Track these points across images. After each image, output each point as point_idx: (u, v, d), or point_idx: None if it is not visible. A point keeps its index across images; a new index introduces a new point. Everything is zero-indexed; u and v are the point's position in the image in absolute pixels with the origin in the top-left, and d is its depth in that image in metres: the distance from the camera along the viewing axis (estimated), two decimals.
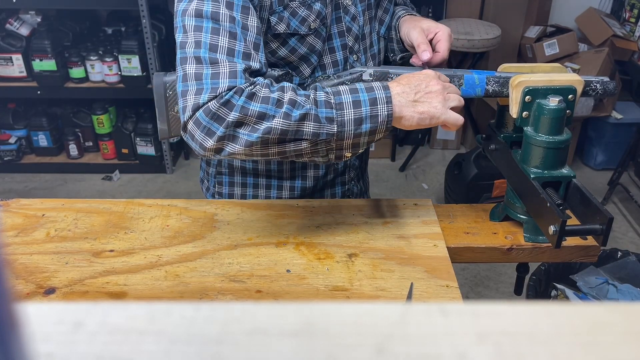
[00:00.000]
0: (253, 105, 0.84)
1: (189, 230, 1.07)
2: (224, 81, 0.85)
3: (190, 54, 0.87)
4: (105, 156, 3.17)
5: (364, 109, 0.87)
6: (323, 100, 0.87)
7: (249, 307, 0.29)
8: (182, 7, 0.90)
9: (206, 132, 0.85)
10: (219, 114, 0.84)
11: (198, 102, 0.85)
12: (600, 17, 3.11)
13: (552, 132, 0.95)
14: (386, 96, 0.88)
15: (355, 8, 1.07)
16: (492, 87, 1.03)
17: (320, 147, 0.89)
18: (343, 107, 0.87)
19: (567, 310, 0.30)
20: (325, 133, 0.87)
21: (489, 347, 0.27)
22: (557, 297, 1.78)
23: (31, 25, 2.96)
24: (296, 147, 0.88)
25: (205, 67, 0.86)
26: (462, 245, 1.05)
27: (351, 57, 1.09)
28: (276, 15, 0.97)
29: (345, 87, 0.90)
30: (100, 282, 0.94)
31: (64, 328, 0.28)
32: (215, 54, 0.87)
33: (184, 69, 0.88)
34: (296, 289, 0.93)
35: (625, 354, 0.27)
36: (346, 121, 0.87)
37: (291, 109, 0.85)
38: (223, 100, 0.84)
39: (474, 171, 2.55)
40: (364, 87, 0.90)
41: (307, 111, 0.85)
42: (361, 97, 0.88)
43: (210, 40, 0.87)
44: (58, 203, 1.15)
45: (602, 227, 0.88)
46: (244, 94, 0.85)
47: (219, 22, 0.88)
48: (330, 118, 0.87)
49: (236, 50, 0.88)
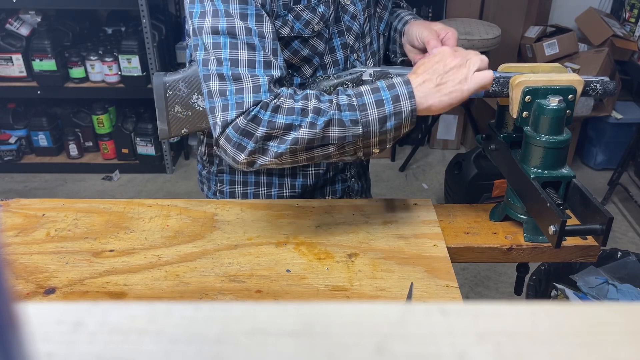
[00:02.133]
0: (279, 118, 0.87)
1: (189, 230, 1.07)
2: (249, 96, 0.87)
3: (213, 71, 0.89)
4: (105, 156, 3.17)
5: (387, 107, 0.88)
6: (346, 103, 0.88)
7: (249, 307, 0.29)
8: (197, 24, 0.91)
9: (237, 147, 0.88)
10: (247, 130, 0.87)
11: (227, 119, 0.87)
12: (600, 17, 3.10)
13: (552, 132, 0.95)
14: (408, 91, 0.89)
15: (354, 7, 1.07)
16: (492, 87, 1.02)
17: (347, 149, 0.91)
18: (366, 108, 0.88)
19: (567, 310, 0.30)
20: (351, 135, 0.89)
21: (489, 347, 0.27)
22: (557, 297, 1.78)
23: (31, 25, 2.96)
24: (324, 152, 0.90)
25: (229, 84, 0.88)
26: (462, 245, 1.05)
27: (352, 56, 1.09)
28: (280, 20, 0.97)
29: (367, 87, 0.91)
30: (100, 282, 0.94)
31: (64, 328, 0.28)
32: (237, 69, 0.88)
33: (208, 86, 0.90)
34: (296, 289, 0.93)
35: (626, 354, 0.27)
36: (370, 121, 0.88)
37: (316, 117, 0.87)
38: (250, 116, 0.86)
39: (474, 171, 2.55)
40: (386, 84, 0.90)
41: (331, 117, 0.87)
42: (383, 96, 0.89)
43: (230, 56, 0.88)
44: (58, 203, 1.15)
45: (602, 227, 0.88)
46: (269, 108, 0.87)
47: (235, 36, 0.89)
48: (354, 120, 0.88)
49: (257, 61, 0.89)
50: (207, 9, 0.90)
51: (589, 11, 3.18)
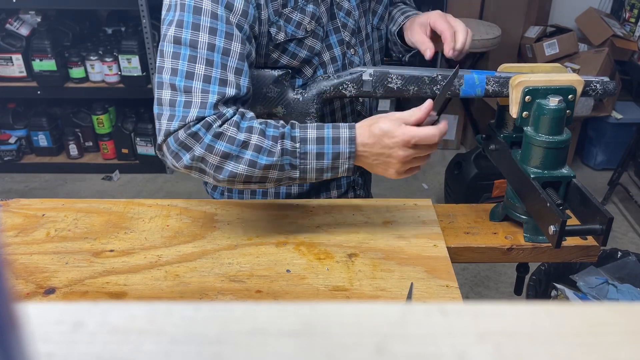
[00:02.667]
0: (219, 144, 0.88)
1: (189, 230, 1.07)
2: (194, 111, 0.88)
3: (166, 80, 0.90)
4: (105, 156, 3.17)
5: (326, 162, 0.92)
6: (289, 149, 0.91)
7: (249, 307, 0.29)
8: (164, 31, 0.92)
9: (174, 157, 0.91)
10: (186, 143, 0.89)
11: (169, 128, 0.89)
12: (600, 17, 3.10)
13: (552, 132, 0.95)
14: (350, 151, 0.91)
15: (349, 3, 1.07)
16: (492, 87, 1.03)
17: (283, 184, 0.95)
18: (307, 157, 0.91)
19: (567, 310, 0.30)
20: (288, 178, 0.93)
21: (489, 347, 0.27)
22: (557, 297, 1.78)
23: (31, 25, 2.96)
24: (260, 185, 0.94)
25: (179, 95, 0.89)
26: (462, 245, 1.05)
27: (349, 52, 1.09)
28: (275, 26, 0.98)
29: (314, 133, 0.92)
30: (100, 282, 0.94)
31: (64, 328, 0.28)
32: (191, 82, 0.89)
33: (159, 94, 0.91)
34: (296, 289, 0.93)
35: (625, 354, 0.27)
36: (308, 169, 0.92)
37: (257, 156, 0.89)
38: (190, 131, 0.88)
39: (474, 171, 2.55)
40: (332, 135, 0.91)
41: (273, 163, 0.90)
42: (325, 149, 0.91)
43: (187, 68, 0.89)
44: (58, 203, 1.15)
45: (602, 227, 0.88)
46: (211, 131, 0.88)
47: (196, 49, 0.89)
48: (293, 165, 0.91)
49: (212, 77, 0.90)
50: (176, 18, 0.90)
51: (589, 11, 3.18)
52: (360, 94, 1.05)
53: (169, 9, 0.93)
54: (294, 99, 1.04)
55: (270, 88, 1.04)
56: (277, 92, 1.04)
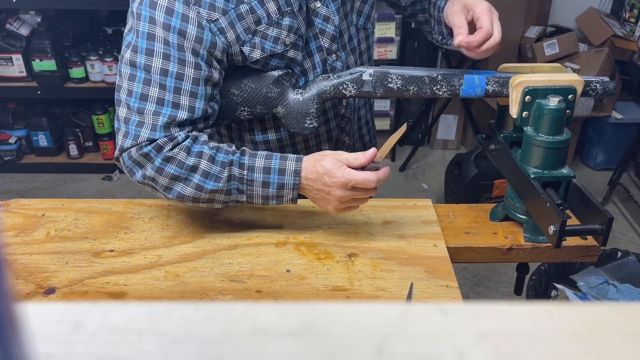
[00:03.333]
0: (168, 167, 0.94)
1: (189, 230, 1.07)
2: (145, 132, 0.93)
3: (122, 99, 0.95)
4: (105, 156, 3.17)
5: (271, 190, 0.97)
6: (237, 175, 0.95)
7: (249, 307, 0.29)
8: (122, 52, 0.96)
9: (129, 171, 0.97)
10: (138, 161, 0.94)
11: (123, 145, 0.94)
12: (600, 17, 3.10)
13: (552, 132, 0.95)
14: (294, 183, 0.96)
15: (327, 9, 1.05)
16: (492, 87, 1.03)
17: (231, 205, 1.01)
18: (253, 185, 0.96)
19: (567, 310, 0.30)
20: (235, 200, 0.99)
21: (489, 347, 0.27)
22: (557, 297, 1.78)
23: (31, 25, 2.96)
24: (209, 205, 0.99)
25: (133, 114, 0.94)
26: (462, 245, 1.05)
27: (330, 58, 1.08)
28: (248, 45, 0.97)
29: (262, 162, 0.96)
30: (100, 282, 0.94)
31: (64, 328, 0.28)
32: (145, 103, 0.94)
33: (117, 110, 0.96)
34: (296, 289, 0.93)
35: (625, 354, 0.27)
36: (254, 195, 0.97)
37: (204, 181, 0.95)
38: (142, 152, 0.93)
39: (474, 171, 2.55)
40: (279, 166, 0.96)
41: (219, 188, 0.95)
42: (271, 179, 0.96)
43: (142, 90, 0.93)
44: (58, 203, 1.15)
45: (602, 227, 0.88)
46: (162, 154, 0.93)
47: (150, 73, 0.93)
48: (240, 190, 0.97)
49: (165, 100, 0.94)
50: (132, 42, 0.94)
51: (589, 11, 3.18)
52: (360, 94, 1.05)
53: (130, 30, 0.95)
54: (294, 99, 1.04)
55: (270, 88, 1.04)
56: (277, 92, 1.04)
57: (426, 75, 1.03)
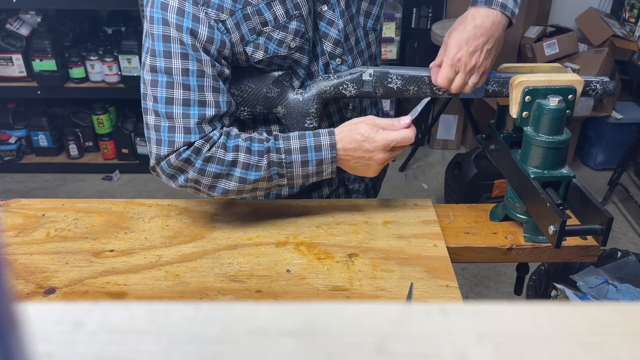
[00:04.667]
0: (210, 167, 0.95)
1: (189, 230, 1.07)
2: (180, 136, 0.94)
3: (149, 106, 0.96)
4: (105, 156, 3.17)
5: (311, 168, 0.99)
6: (275, 161, 0.97)
7: (249, 307, 0.29)
8: (143, 58, 0.96)
9: (170, 177, 0.98)
10: (180, 167, 0.96)
11: (160, 153, 0.95)
12: (600, 17, 3.10)
13: (552, 132, 0.95)
14: (331, 156, 0.98)
15: (332, 12, 1.03)
16: (492, 87, 1.03)
17: (273, 190, 1.04)
18: (292, 166, 0.98)
19: (567, 310, 0.30)
20: (276, 185, 1.01)
21: (489, 347, 0.27)
22: (557, 297, 1.78)
23: (31, 25, 2.96)
24: (252, 194, 1.01)
25: (163, 120, 0.95)
26: (462, 245, 1.05)
27: (333, 62, 1.06)
28: (251, 45, 0.97)
29: (297, 143, 0.98)
30: (100, 282, 0.94)
31: (64, 328, 0.28)
32: (171, 107, 0.94)
33: (146, 118, 0.97)
34: (296, 289, 0.93)
35: (625, 354, 0.27)
36: (294, 176, 1.00)
37: (246, 173, 0.97)
38: (182, 157, 0.94)
39: (474, 171, 2.55)
40: (314, 143, 0.98)
41: (261, 176, 0.97)
42: (309, 157, 0.98)
43: (166, 94, 0.94)
44: (58, 203, 1.15)
45: (602, 227, 0.88)
46: (201, 156, 0.95)
47: (172, 75, 0.93)
48: (281, 174, 0.99)
49: (191, 100, 0.94)
50: (149, 47, 0.94)
51: (589, 11, 3.18)
52: (360, 94, 1.04)
53: (145, 36, 0.96)
54: (294, 99, 1.04)
55: (270, 88, 1.04)
56: (277, 92, 1.04)
57: (426, 75, 1.03)
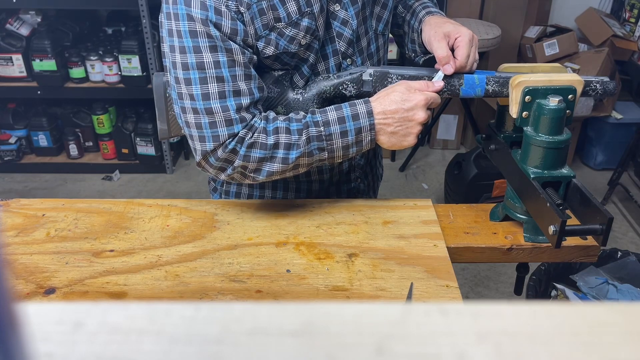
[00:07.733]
0: (254, 152, 0.97)
1: (189, 230, 1.07)
2: (223, 130, 0.96)
3: (187, 105, 0.96)
4: (105, 156, 3.17)
5: (350, 138, 0.99)
6: (315, 135, 0.98)
7: (249, 307, 0.29)
8: (171, 58, 0.96)
9: (219, 169, 1.00)
10: (227, 159, 0.98)
11: (205, 149, 0.97)
12: (600, 17, 3.11)
13: (552, 132, 0.95)
14: (370, 124, 0.98)
15: (346, 12, 1.04)
16: (492, 87, 1.03)
17: (314, 166, 1.03)
18: (332, 138, 0.98)
19: (567, 310, 0.30)
20: (317, 160, 1.01)
21: (489, 347, 0.27)
22: (557, 297, 1.78)
23: (31, 25, 2.96)
24: (294, 172, 1.02)
25: (203, 117, 0.96)
26: (462, 245, 1.05)
27: (345, 62, 1.07)
28: (263, 40, 0.98)
29: (334, 114, 0.98)
30: (100, 282, 0.94)
31: (64, 328, 0.28)
32: (209, 102, 0.95)
33: (185, 117, 0.97)
34: (296, 289, 0.93)
35: (625, 354, 0.27)
36: (335, 149, 1.00)
37: (287, 153, 0.98)
38: (229, 149, 0.96)
39: (474, 171, 2.55)
40: (351, 113, 0.98)
41: (302, 153, 0.98)
42: (347, 127, 0.98)
43: (202, 91, 0.95)
44: (58, 203, 1.15)
45: (602, 227, 0.88)
46: (245, 143, 0.96)
47: (204, 70, 0.94)
48: (321, 148, 0.99)
49: (226, 91, 0.95)
50: (176, 45, 0.94)
51: (589, 11, 3.18)
52: (360, 94, 1.04)
53: (169, 34, 0.95)
54: (294, 99, 1.04)
55: (270, 88, 1.04)
56: (277, 92, 1.04)
57: (426, 75, 1.03)
